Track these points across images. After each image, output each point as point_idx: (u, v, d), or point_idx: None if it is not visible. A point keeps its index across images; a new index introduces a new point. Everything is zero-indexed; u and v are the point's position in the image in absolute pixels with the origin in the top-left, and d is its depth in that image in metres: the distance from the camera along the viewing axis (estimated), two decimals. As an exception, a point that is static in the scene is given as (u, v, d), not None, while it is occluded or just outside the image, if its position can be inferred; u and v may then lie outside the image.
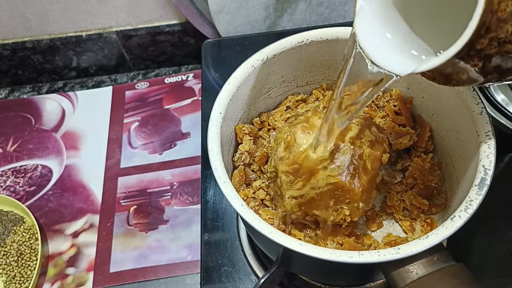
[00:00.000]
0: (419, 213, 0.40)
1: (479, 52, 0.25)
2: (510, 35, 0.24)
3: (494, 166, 0.32)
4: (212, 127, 0.37)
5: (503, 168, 0.54)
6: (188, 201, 0.64)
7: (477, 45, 0.24)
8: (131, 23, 0.76)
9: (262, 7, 0.68)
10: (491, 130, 0.34)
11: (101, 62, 0.81)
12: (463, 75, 0.27)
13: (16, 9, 0.72)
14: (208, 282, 0.49)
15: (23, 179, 0.69)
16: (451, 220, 0.31)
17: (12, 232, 0.61)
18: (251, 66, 0.41)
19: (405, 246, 0.30)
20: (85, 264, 0.60)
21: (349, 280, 0.46)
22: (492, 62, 0.26)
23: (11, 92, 0.82)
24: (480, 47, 0.24)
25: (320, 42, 0.42)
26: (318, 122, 0.37)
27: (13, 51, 0.77)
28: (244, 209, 0.33)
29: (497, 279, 0.47)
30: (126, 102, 0.76)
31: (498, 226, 0.50)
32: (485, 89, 0.56)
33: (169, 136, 0.71)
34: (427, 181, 0.41)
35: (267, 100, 0.46)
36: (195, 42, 0.78)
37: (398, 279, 0.31)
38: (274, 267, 0.41)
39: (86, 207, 0.65)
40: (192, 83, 0.77)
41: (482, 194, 0.31)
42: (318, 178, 0.35)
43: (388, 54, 0.28)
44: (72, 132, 0.73)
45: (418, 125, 0.44)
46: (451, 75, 0.27)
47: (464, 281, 0.30)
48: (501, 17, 0.23)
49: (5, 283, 0.58)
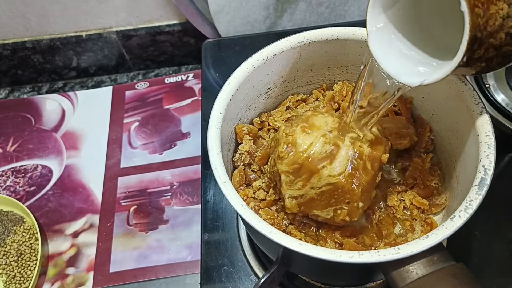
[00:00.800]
0: (419, 213, 0.40)
1: (479, 59, 0.25)
2: (505, 40, 0.25)
3: (494, 166, 0.32)
4: (212, 127, 0.37)
5: (503, 168, 0.54)
6: (188, 201, 0.64)
7: (474, 56, 0.25)
8: (131, 23, 0.76)
9: (262, 7, 0.68)
10: (491, 130, 0.34)
11: (101, 62, 0.81)
12: (471, 71, 0.29)
13: (16, 9, 0.72)
14: (208, 282, 0.49)
15: (23, 179, 0.69)
16: (451, 220, 0.31)
17: (12, 232, 0.61)
18: (251, 66, 0.41)
19: (405, 246, 0.30)
20: (85, 264, 0.60)
21: (349, 280, 0.46)
22: (494, 61, 0.26)
23: (11, 92, 0.82)
24: (478, 56, 0.25)
25: (320, 42, 0.42)
26: (317, 122, 0.37)
27: (13, 51, 0.77)
28: (244, 209, 0.33)
29: (497, 279, 0.47)
30: (126, 102, 0.76)
31: (498, 226, 0.50)
32: (485, 89, 0.57)
33: (169, 136, 0.71)
34: (427, 181, 0.41)
35: (267, 100, 0.46)
36: (195, 42, 0.78)
37: (398, 279, 0.31)
38: (274, 267, 0.41)
39: (86, 207, 0.65)
40: (192, 83, 0.77)
41: (482, 194, 0.31)
42: (318, 178, 0.35)
43: (401, 68, 0.31)
44: (72, 132, 0.73)
45: (418, 125, 0.44)
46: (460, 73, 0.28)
47: (464, 281, 0.30)
48: (492, 30, 0.24)
49: (5, 283, 0.58)
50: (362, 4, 0.69)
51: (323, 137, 0.36)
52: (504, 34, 0.24)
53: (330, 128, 0.37)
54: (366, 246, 0.39)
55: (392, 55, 0.31)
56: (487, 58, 0.26)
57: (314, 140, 0.36)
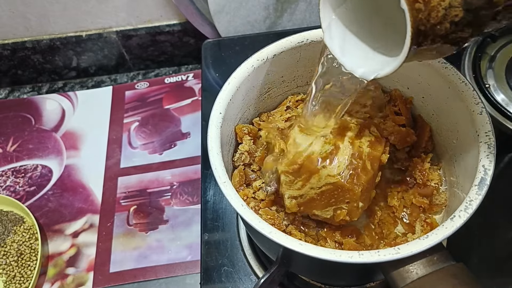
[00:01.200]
0: (419, 213, 0.40)
1: (428, 49, 0.26)
2: (450, 29, 0.25)
3: (494, 166, 0.32)
4: (212, 127, 0.37)
5: (503, 168, 0.54)
6: (188, 201, 0.64)
7: (422, 47, 0.25)
8: (131, 23, 0.76)
9: (262, 7, 0.68)
10: (491, 130, 0.34)
11: (101, 62, 0.81)
12: (426, 59, 0.30)
13: (16, 9, 0.72)
14: (208, 282, 0.49)
15: (23, 179, 0.69)
16: (451, 220, 0.31)
17: (12, 232, 0.61)
18: (251, 66, 0.41)
19: (405, 246, 0.30)
20: (85, 264, 0.60)
21: (349, 280, 0.46)
22: (444, 48, 0.27)
23: (11, 92, 0.82)
24: (426, 47, 0.26)
25: (320, 42, 0.42)
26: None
27: (13, 51, 0.77)
28: (244, 209, 0.33)
29: (497, 279, 0.47)
30: (126, 102, 0.76)
31: (498, 226, 0.50)
32: (485, 89, 0.57)
33: (169, 136, 0.71)
34: (427, 181, 0.41)
35: (267, 100, 0.46)
36: (195, 42, 0.78)
37: (398, 279, 0.31)
38: (274, 267, 0.41)
39: (86, 207, 0.65)
40: (192, 83, 0.77)
41: (482, 194, 0.31)
42: (317, 178, 0.35)
43: (356, 62, 0.32)
44: (72, 132, 0.73)
45: (418, 125, 0.44)
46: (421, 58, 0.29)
47: (464, 281, 0.30)
48: (436, 22, 0.24)
49: (5, 283, 0.58)
50: (362, 4, 0.69)
51: (322, 137, 0.36)
52: (449, 23, 0.25)
53: (330, 128, 0.37)
54: (366, 246, 0.39)
55: (347, 50, 0.32)
56: (436, 47, 0.26)
57: (313, 140, 0.36)
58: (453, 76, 0.37)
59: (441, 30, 0.25)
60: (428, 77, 0.40)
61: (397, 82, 0.44)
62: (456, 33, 0.25)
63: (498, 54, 0.60)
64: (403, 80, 0.43)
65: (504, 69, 0.59)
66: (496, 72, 0.59)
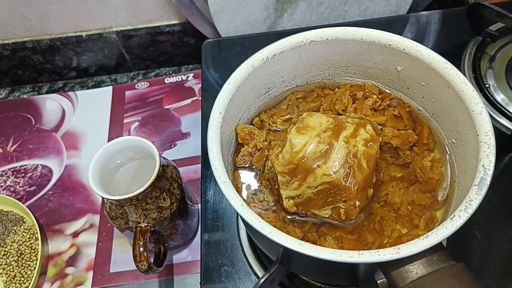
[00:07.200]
0: (420, 209, 0.40)
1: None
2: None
3: (494, 166, 0.32)
4: (212, 127, 0.37)
5: (503, 168, 0.54)
6: (188, 201, 0.64)
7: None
8: (131, 23, 0.76)
9: (262, 7, 0.68)
10: (491, 130, 0.34)
11: (101, 62, 0.81)
12: None
13: (16, 9, 0.72)
14: (208, 282, 0.49)
15: (23, 179, 0.69)
16: (450, 220, 0.31)
17: (12, 232, 0.61)
18: (251, 66, 0.41)
19: (405, 246, 0.30)
20: (84, 264, 0.60)
21: (349, 280, 0.46)
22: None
23: (11, 92, 0.82)
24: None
25: (320, 42, 0.42)
26: (312, 122, 0.38)
27: (13, 51, 0.78)
28: (244, 209, 0.33)
29: (497, 279, 0.47)
30: (126, 102, 0.76)
31: (498, 226, 0.50)
32: (485, 89, 0.57)
33: (169, 136, 0.71)
34: (429, 178, 0.41)
35: (267, 100, 0.46)
36: (195, 42, 0.78)
37: (398, 279, 0.31)
38: (274, 267, 0.41)
39: (86, 207, 0.65)
40: (192, 83, 0.77)
41: (482, 194, 0.31)
42: (313, 177, 0.35)
43: None
44: (72, 132, 0.73)
45: (418, 124, 0.44)
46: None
47: (464, 281, 0.30)
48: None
49: (5, 283, 0.58)
50: (362, 4, 0.69)
51: (317, 137, 0.36)
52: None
53: (325, 128, 0.37)
54: (368, 243, 0.39)
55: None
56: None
57: (308, 140, 0.36)
58: (453, 76, 0.37)
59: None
60: (428, 77, 0.40)
61: (396, 82, 0.44)
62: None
63: (498, 54, 0.60)
64: (403, 80, 0.43)
65: (504, 69, 0.59)
66: (496, 72, 0.59)
